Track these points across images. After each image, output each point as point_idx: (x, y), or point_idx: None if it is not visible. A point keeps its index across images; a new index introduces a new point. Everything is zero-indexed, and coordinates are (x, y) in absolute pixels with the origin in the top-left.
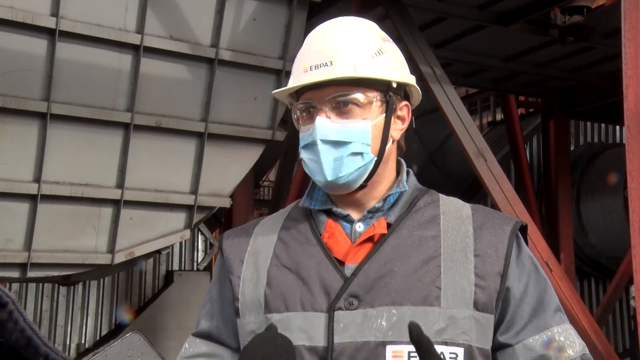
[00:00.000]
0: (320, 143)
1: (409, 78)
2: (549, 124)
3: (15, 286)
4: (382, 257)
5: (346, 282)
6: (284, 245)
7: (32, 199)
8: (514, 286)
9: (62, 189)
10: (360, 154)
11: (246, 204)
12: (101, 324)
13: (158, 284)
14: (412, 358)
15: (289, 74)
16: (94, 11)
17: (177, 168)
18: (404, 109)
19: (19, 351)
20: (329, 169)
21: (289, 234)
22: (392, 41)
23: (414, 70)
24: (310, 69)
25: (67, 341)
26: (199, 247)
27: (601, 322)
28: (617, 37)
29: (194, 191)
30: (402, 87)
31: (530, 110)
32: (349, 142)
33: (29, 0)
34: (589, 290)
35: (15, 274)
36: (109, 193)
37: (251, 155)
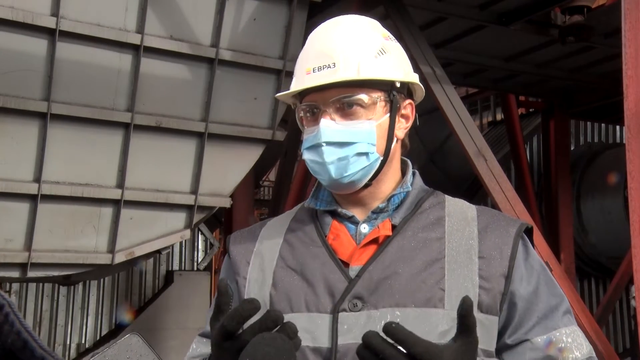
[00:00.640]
0: (324, 145)
1: (412, 76)
2: (549, 124)
3: (15, 286)
4: (386, 258)
5: (350, 283)
6: (289, 246)
7: (32, 199)
8: (521, 288)
9: (62, 189)
10: (366, 154)
11: (246, 204)
12: (101, 324)
13: (158, 284)
14: None
15: (289, 74)
16: (94, 11)
17: (177, 168)
18: (407, 107)
19: (15, 354)
20: (333, 168)
21: (295, 235)
22: (395, 39)
23: (415, 70)
24: (313, 70)
25: (67, 341)
26: (199, 247)
27: (601, 322)
28: (617, 37)
29: (194, 191)
30: (406, 85)
31: (531, 110)
32: (354, 142)
33: (29, 0)
34: (589, 290)
35: (16, 274)
36: (109, 193)
37: (251, 155)
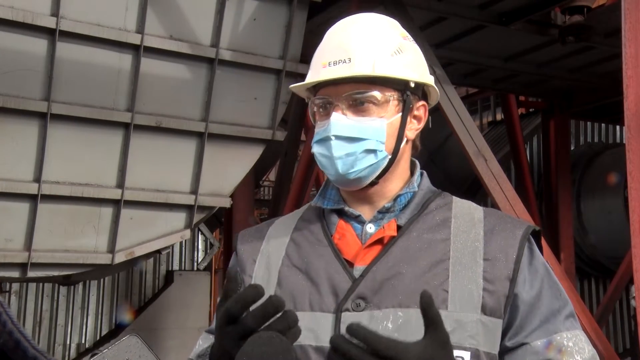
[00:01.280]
0: (333, 139)
1: (427, 78)
2: (549, 124)
3: (15, 286)
4: (390, 259)
5: (354, 283)
6: (295, 245)
7: (32, 198)
8: (524, 292)
9: (62, 189)
10: (374, 151)
11: (246, 204)
12: (101, 323)
13: (158, 284)
14: None
15: (289, 74)
16: (94, 11)
17: (177, 168)
18: (420, 108)
19: (7, 354)
20: (340, 163)
21: (301, 234)
22: (413, 40)
23: None
24: (329, 64)
25: (67, 341)
26: (199, 247)
27: (601, 322)
28: (617, 37)
29: (194, 191)
30: (420, 87)
31: (531, 110)
32: (363, 138)
33: (29, 0)
34: (589, 290)
35: (16, 273)
36: (109, 193)
37: (251, 155)
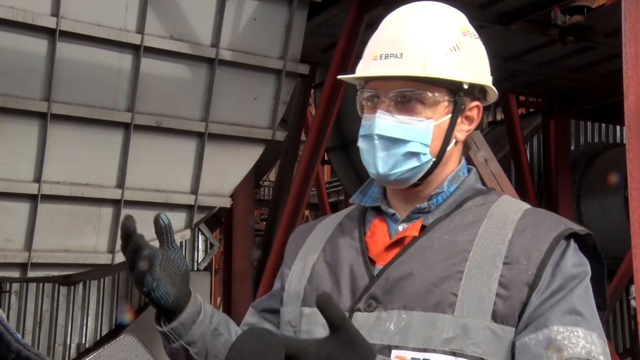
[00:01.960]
0: (376, 138)
1: (484, 79)
2: (549, 124)
3: (15, 286)
4: (404, 259)
5: (369, 283)
6: (332, 242)
7: (32, 199)
8: (536, 293)
9: (62, 189)
10: (417, 154)
11: (246, 204)
12: (101, 323)
13: None
14: None
15: (289, 74)
16: (94, 11)
17: (177, 168)
18: (474, 109)
19: None
20: (382, 163)
21: (341, 231)
22: (475, 35)
23: None
24: (380, 57)
25: (68, 341)
26: (199, 247)
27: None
28: (618, 37)
29: (194, 191)
30: (477, 87)
31: (531, 110)
32: (407, 140)
33: (29, 0)
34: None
35: (16, 274)
36: (109, 193)
37: (251, 155)
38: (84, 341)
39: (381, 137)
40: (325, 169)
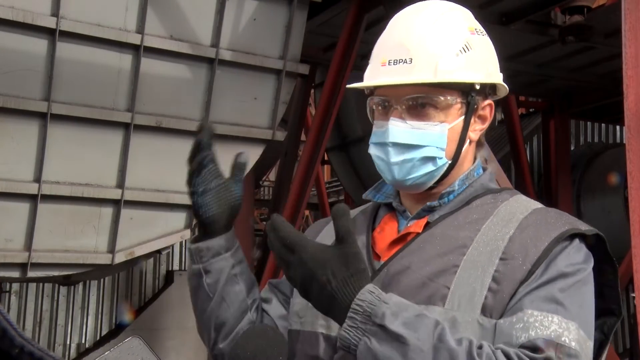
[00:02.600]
0: (391, 145)
1: (495, 77)
2: (549, 124)
3: (15, 286)
4: (405, 254)
5: (371, 276)
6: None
7: (32, 199)
8: (525, 286)
9: (62, 189)
10: (433, 159)
11: (246, 203)
12: (101, 323)
13: (158, 284)
14: None
15: (289, 74)
16: (94, 11)
17: (177, 168)
18: (486, 108)
19: None
20: (397, 169)
21: (353, 225)
22: (483, 32)
23: None
24: (389, 63)
25: (68, 341)
26: None
27: None
28: (617, 37)
29: None
30: (488, 85)
31: (531, 110)
32: (422, 145)
33: (29, 0)
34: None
35: (16, 274)
36: (109, 193)
37: (251, 155)
38: (83, 341)
39: (395, 145)
40: (325, 169)
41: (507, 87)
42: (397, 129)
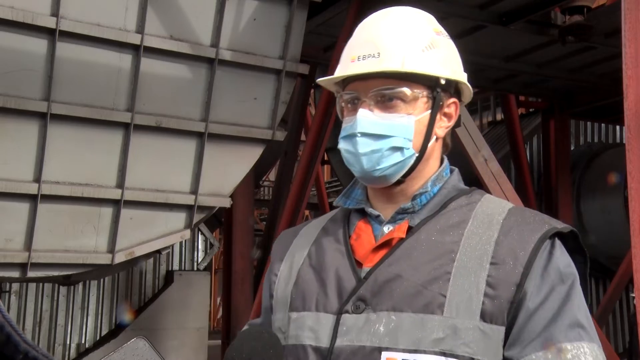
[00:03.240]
0: (359, 135)
1: (459, 75)
2: (549, 124)
3: (15, 286)
4: (393, 261)
5: (357, 285)
6: (317, 245)
7: (32, 198)
8: (529, 298)
9: (62, 189)
10: (401, 149)
11: (246, 203)
12: (101, 323)
13: (158, 284)
14: None
15: (289, 74)
16: (94, 11)
17: (177, 168)
18: (451, 106)
19: None
20: (366, 160)
21: (325, 234)
22: (448, 35)
23: None
24: (358, 59)
25: (67, 341)
26: (199, 247)
27: (601, 322)
28: (617, 37)
29: (194, 191)
30: (453, 84)
31: (531, 110)
32: (390, 135)
33: (29, 0)
34: (589, 290)
35: (15, 274)
36: (109, 193)
37: (251, 155)
38: (83, 341)
39: (364, 135)
40: (325, 169)
41: (471, 89)
42: (366, 120)
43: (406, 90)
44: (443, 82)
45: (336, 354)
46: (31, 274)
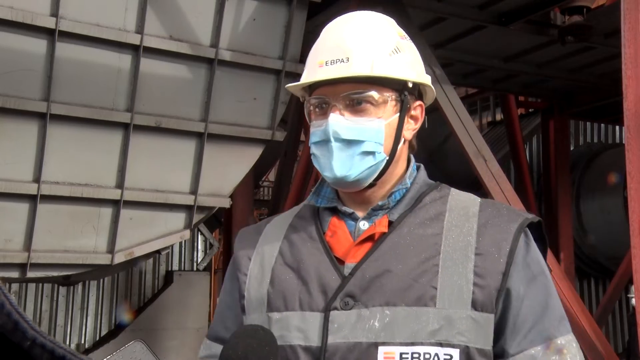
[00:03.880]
0: (333, 140)
1: (424, 78)
2: (548, 124)
3: (14, 286)
4: (379, 256)
5: (343, 281)
6: (289, 243)
7: (32, 199)
8: (516, 287)
9: (62, 189)
10: (372, 153)
11: (246, 204)
12: (101, 324)
13: (158, 284)
14: (403, 359)
15: (289, 74)
16: (94, 11)
17: (177, 168)
18: (417, 108)
19: (5, 335)
20: (339, 166)
21: (295, 232)
22: (409, 38)
23: None
24: (326, 64)
25: (67, 341)
26: (199, 247)
27: (601, 322)
28: (617, 37)
29: (194, 191)
30: (417, 87)
31: (530, 110)
32: (361, 140)
33: (28, 0)
34: (588, 290)
35: (15, 274)
36: (109, 193)
37: (251, 155)
38: (83, 341)
39: (337, 140)
40: None
41: (434, 91)
42: (338, 124)
43: (375, 94)
44: (410, 85)
45: (331, 352)
46: (31, 274)
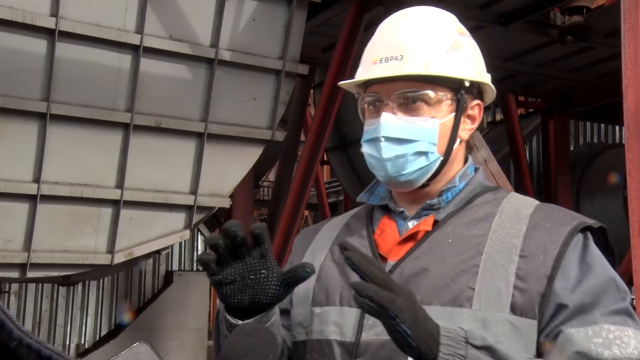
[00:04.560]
0: (383, 140)
1: (483, 76)
2: (548, 124)
3: (14, 286)
4: (418, 254)
5: None
6: (340, 241)
7: (32, 199)
8: (563, 287)
9: (62, 189)
10: (425, 153)
11: (246, 204)
12: (101, 324)
13: (158, 284)
14: None
15: (288, 74)
16: (94, 11)
17: (177, 168)
18: (475, 108)
19: None
20: (390, 165)
21: (348, 230)
22: (470, 35)
23: None
24: (380, 61)
25: (67, 341)
26: (199, 247)
27: None
28: (617, 37)
29: (194, 191)
30: (476, 85)
31: (530, 110)
32: (414, 140)
33: (28, 0)
34: None
35: (15, 274)
36: (109, 193)
37: (251, 155)
38: (83, 341)
39: (388, 139)
40: (324, 169)
41: (495, 90)
42: (390, 124)
43: (430, 93)
44: (467, 84)
45: (363, 348)
46: (30, 274)
